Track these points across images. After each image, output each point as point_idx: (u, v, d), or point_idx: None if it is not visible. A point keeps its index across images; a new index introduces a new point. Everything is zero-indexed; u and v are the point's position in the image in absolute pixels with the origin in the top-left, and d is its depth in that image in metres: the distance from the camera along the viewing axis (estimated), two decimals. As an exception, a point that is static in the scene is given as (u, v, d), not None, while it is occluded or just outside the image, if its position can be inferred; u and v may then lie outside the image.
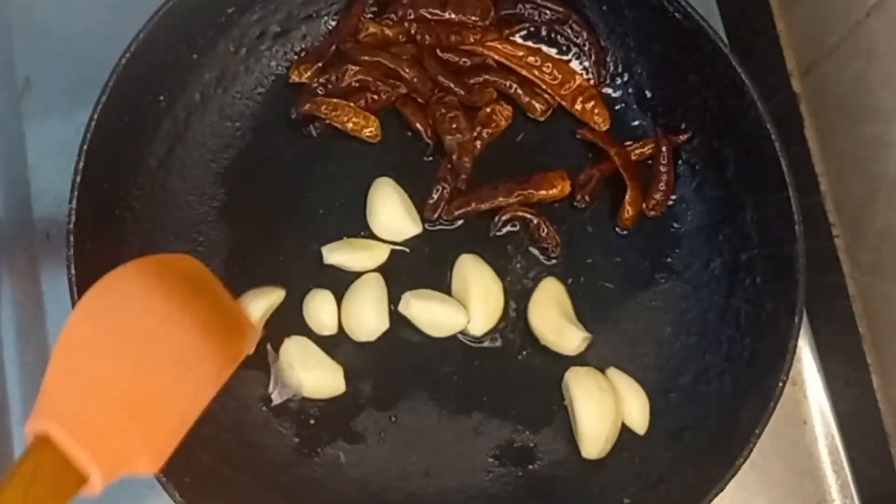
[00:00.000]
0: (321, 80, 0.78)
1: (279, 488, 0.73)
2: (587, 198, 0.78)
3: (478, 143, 0.78)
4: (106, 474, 0.53)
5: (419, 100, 0.79)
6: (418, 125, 0.78)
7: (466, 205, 0.77)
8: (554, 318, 0.75)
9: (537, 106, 0.79)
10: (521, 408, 0.76)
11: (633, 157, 0.78)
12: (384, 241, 0.77)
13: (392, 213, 0.77)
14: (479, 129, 0.78)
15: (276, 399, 0.74)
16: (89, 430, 0.53)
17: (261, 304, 0.74)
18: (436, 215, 0.77)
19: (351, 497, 0.74)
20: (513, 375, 0.76)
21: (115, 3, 0.83)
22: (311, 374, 0.74)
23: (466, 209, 0.77)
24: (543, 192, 0.77)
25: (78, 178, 0.68)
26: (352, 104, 0.77)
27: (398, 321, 0.76)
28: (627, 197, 0.76)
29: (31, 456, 0.52)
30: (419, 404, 0.76)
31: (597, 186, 0.78)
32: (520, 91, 0.79)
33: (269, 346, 0.74)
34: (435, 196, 0.77)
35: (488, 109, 0.78)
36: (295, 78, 0.78)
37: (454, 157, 0.77)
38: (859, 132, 0.81)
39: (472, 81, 0.78)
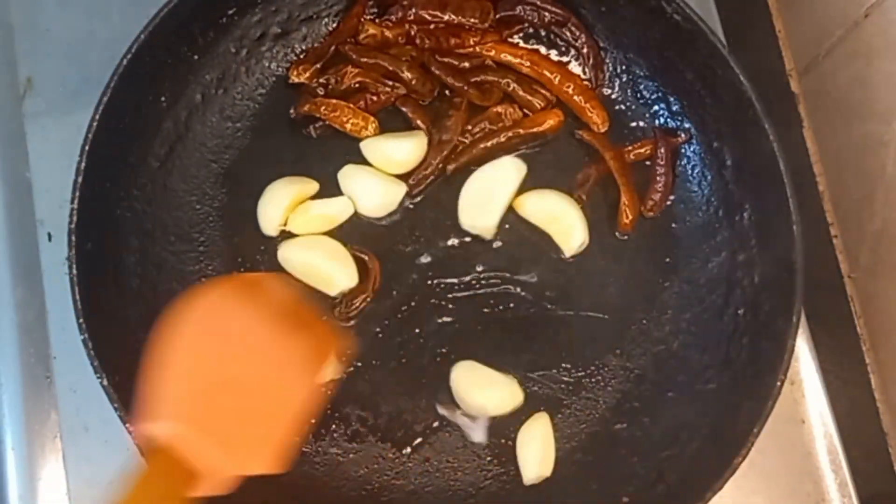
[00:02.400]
0: (321, 80, 0.78)
1: (280, 487, 0.73)
2: (584, 196, 0.78)
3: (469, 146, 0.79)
4: (233, 468, 0.56)
5: (419, 101, 0.79)
6: (419, 122, 0.78)
7: (461, 156, 0.78)
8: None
9: (536, 103, 0.79)
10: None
11: (633, 158, 0.79)
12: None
13: (373, 191, 0.78)
14: (484, 124, 0.79)
15: None
16: (210, 429, 0.55)
17: (290, 190, 0.76)
18: (415, 191, 0.78)
19: (351, 496, 0.74)
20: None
21: (117, 4, 0.83)
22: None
23: (461, 161, 0.78)
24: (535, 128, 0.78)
25: (79, 179, 0.68)
26: (351, 105, 0.77)
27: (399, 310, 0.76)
28: (623, 202, 0.77)
29: (156, 457, 0.54)
30: (418, 403, 0.76)
31: (594, 185, 0.78)
32: (518, 89, 0.79)
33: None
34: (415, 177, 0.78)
35: (498, 109, 0.79)
36: (294, 78, 0.78)
37: (428, 150, 0.78)
38: (857, 132, 0.81)
39: (472, 80, 0.79)
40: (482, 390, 0.75)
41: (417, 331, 0.77)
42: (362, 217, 0.78)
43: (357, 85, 0.78)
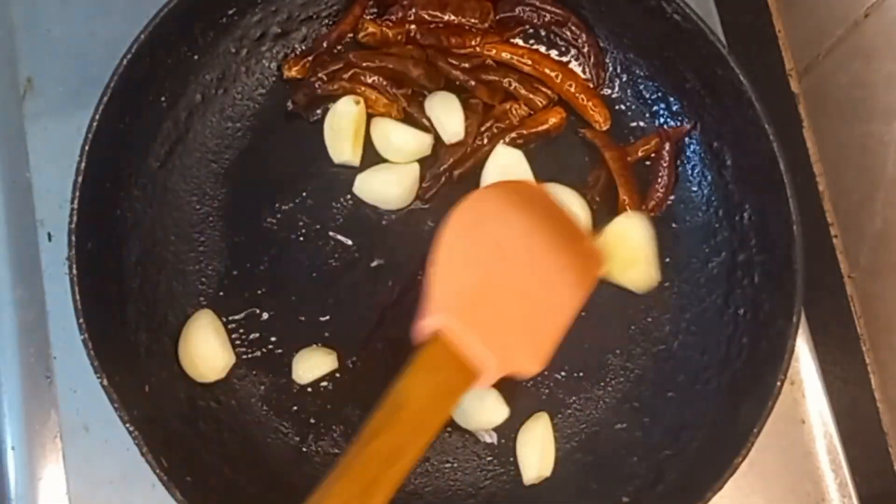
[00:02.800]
0: (321, 75, 0.78)
1: (280, 488, 0.73)
2: (597, 198, 0.78)
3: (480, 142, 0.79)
4: (499, 368, 0.59)
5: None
6: (425, 121, 0.78)
7: (468, 158, 0.78)
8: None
9: (537, 101, 0.79)
10: (517, 406, 0.76)
11: (640, 155, 0.79)
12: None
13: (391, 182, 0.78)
14: (491, 122, 0.79)
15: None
16: (482, 327, 0.59)
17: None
18: (427, 195, 0.78)
19: (351, 496, 0.74)
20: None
21: (117, 5, 0.83)
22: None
23: (467, 164, 0.78)
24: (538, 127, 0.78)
25: (79, 179, 0.68)
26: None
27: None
28: (623, 200, 0.77)
29: (432, 348, 0.59)
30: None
31: (605, 186, 0.78)
32: (520, 88, 0.79)
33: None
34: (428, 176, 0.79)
35: (506, 106, 0.79)
36: (286, 73, 0.78)
37: (442, 152, 0.78)
38: (857, 132, 0.82)
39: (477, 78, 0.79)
40: (467, 406, 0.75)
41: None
42: (372, 210, 0.78)
43: (362, 90, 0.78)
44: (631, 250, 0.76)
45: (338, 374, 0.76)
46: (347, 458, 0.55)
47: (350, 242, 0.78)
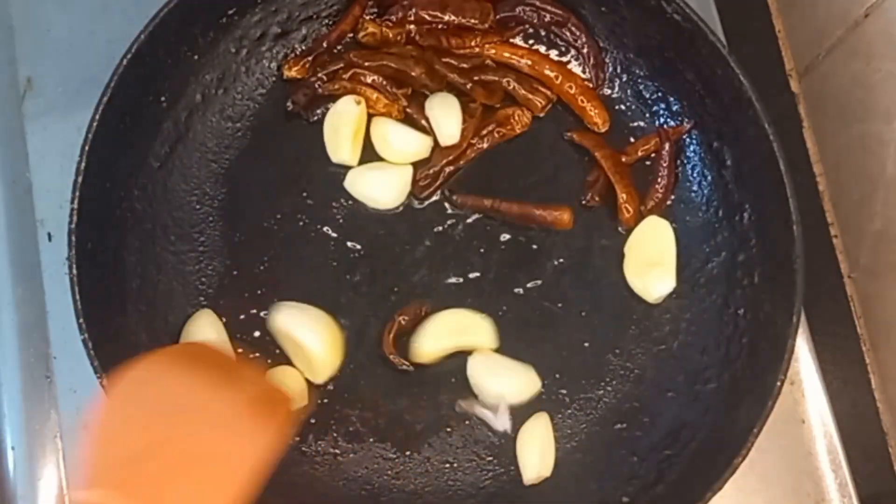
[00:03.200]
0: (321, 75, 0.78)
1: (279, 487, 0.73)
2: (597, 197, 0.78)
3: (477, 146, 0.79)
4: None
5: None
6: (424, 122, 0.78)
7: (471, 202, 0.78)
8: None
9: (536, 101, 0.79)
10: (517, 406, 0.76)
11: (640, 154, 0.78)
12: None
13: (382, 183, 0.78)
14: (492, 126, 0.79)
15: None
16: (147, 493, 0.56)
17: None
18: (423, 193, 0.78)
19: (351, 496, 0.74)
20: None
21: (117, 4, 0.83)
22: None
23: (467, 204, 0.78)
24: (544, 218, 0.78)
25: (79, 179, 0.68)
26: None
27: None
28: (621, 198, 0.77)
29: None
30: (418, 403, 0.76)
31: (605, 185, 0.78)
32: (519, 88, 0.79)
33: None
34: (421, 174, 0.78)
35: (509, 111, 0.79)
36: (286, 73, 0.78)
37: (436, 150, 0.78)
38: (857, 132, 0.81)
39: (475, 79, 0.79)
40: (499, 378, 0.75)
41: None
42: (372, 210, 0.78)
43: (362, 90, 0.78)
44: (654, 252, 0.77)
45: (338, 374, 0.76)
46: None
47: (350, 242, 0.78)
